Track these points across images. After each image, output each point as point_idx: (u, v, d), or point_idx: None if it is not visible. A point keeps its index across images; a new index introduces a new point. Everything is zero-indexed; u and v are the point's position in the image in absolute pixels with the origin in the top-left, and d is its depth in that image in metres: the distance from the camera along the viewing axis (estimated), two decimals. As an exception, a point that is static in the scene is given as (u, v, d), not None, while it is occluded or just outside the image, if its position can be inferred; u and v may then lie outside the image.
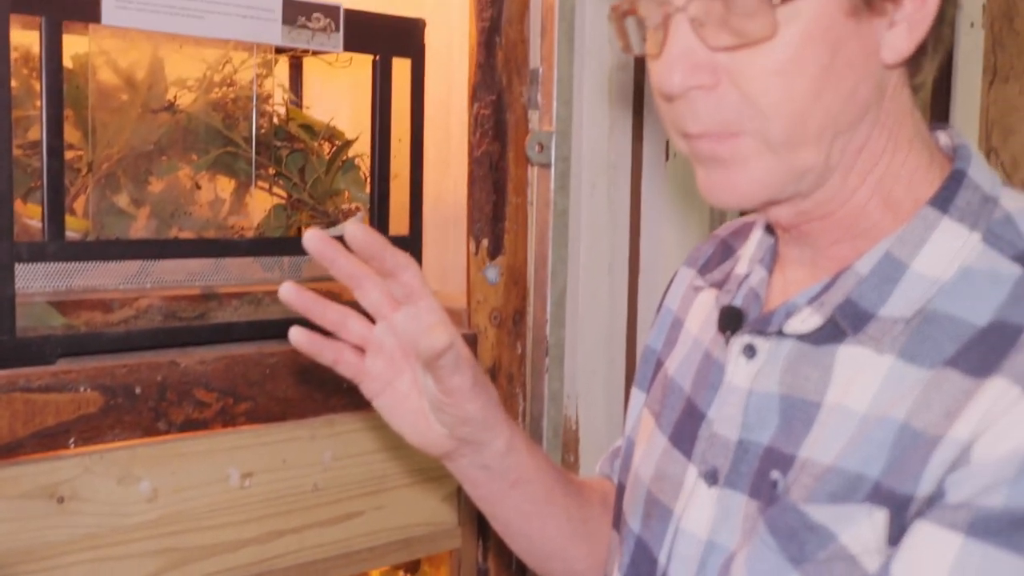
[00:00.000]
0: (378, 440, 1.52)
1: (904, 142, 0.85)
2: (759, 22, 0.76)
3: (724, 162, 0.81)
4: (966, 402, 0.73)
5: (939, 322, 0.78)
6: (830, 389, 0.82)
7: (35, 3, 1.23)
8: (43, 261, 1.26)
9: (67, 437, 1.26)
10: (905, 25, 0.80)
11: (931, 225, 0.82)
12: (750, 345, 0.88)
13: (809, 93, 0.78)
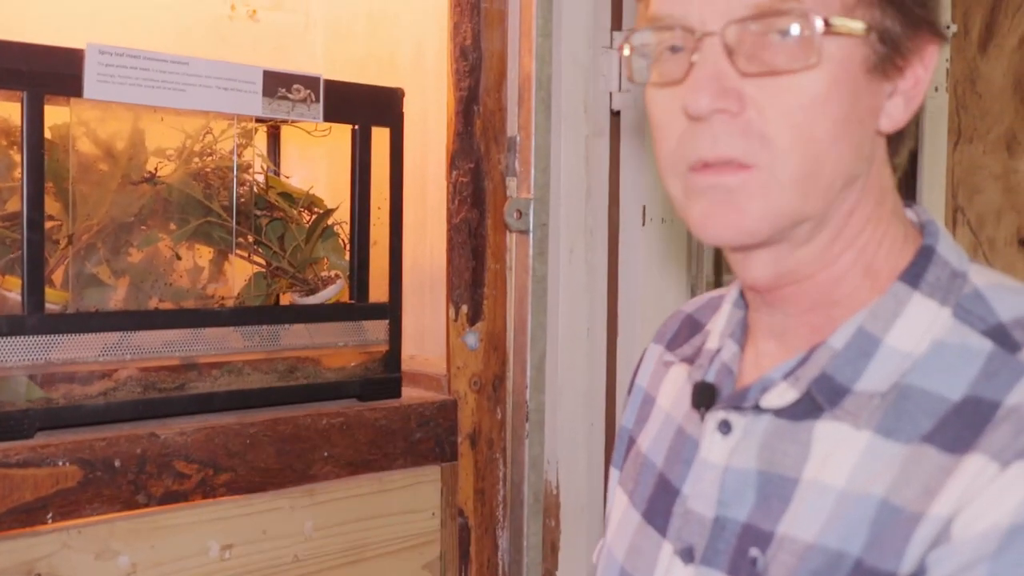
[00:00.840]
0: (359, 509, 1.51)
1: (886, 213, 0.86)
2: (800, 51, 0.78)
3: (730, 192, 0.80)
4: (945, 479, 0.74)
5: (914, 397, 0.79)
6: (808, 465, 0.82)
7: (17, 78, 1.24)
8: (23, 335, 1.25)
9: (45, 512, 1.25)
10: (903, 98, 0.83)
11: (903, 300, 0.83)
12: (725, 421, 0.88)
13: (828, 136, 0.79)
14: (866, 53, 0.80)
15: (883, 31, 0.80)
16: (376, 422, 1.53)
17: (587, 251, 1.69)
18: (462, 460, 1.63)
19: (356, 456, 1.51)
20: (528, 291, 1.62)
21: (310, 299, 1.54)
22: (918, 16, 0.81)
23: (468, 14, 1.60)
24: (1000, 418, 0.73)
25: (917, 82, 0.83)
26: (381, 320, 1.58)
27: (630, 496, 0.99)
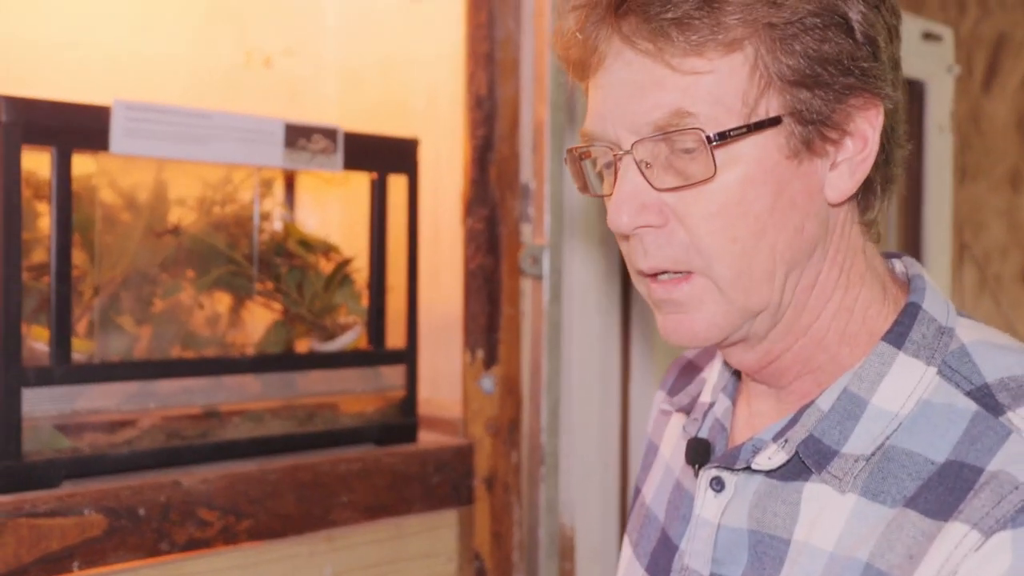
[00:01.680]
0: (377, 554, 1.53)
1: (856, 277, 0.88)
2: (700, 165, 0.80)
3: (680, 305, 0.84)
4: (927, 545, 0.75)
5: (898, 459, 0.81)
6: (798, 526, 0.84)
7: (46, 134, 1.26)
8: (50, 385, 1.27)
9: (71, 561, 1.26)
10: (847, 166, 0.84)
11: (887, 361, 0.84)
12: (718, 478, 0.90)
13: (752, 234, 0.81)
14: (783, 140, 0.82)
15: (799, 113, 0.81)
16: (393, 467, 1.55)
17: (601, 297, 1.71)
18: (478, 504, 1.65)
19: (374, 501, 1.53)
20: (543, 336, 1.64)
21: (328, 345, 1.56)
22: (845, 85, 0.82)
23: (483, 64, 1.63)
24: (981, 484, 0.75)
25: (864, 143, 0.84)
26: (398, 365, 1.60)
27: (635, 548, 1.01)
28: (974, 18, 2.65)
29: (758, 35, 0.80)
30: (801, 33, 0.80)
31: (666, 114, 0.80)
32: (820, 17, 0.80)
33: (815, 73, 0.81)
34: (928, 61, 2.28)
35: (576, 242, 1.68)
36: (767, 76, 0.81)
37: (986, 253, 2.86)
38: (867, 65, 0.82)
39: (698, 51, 0.79)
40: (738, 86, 0.80)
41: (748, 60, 0.80)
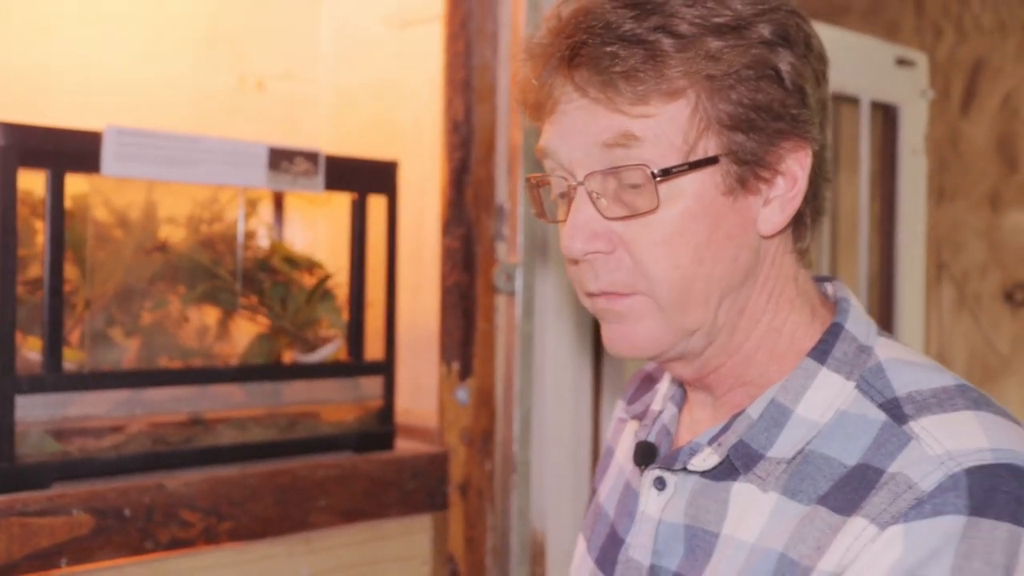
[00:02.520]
0: (354, 556, 1.60)
1: (786, 302, 0.96)
2: (645, 198, 0.88)
3: (622, 318, 0.92)
4: (833, 537, 0.83)
5: (816, 462, 0.89)
6: (727, 521, 0.92)
7: (41, 157, 1.35)
8: (42, 392, 1.36)
9: (59, 558, 1.34)
10: (778, 203, 0.92)
11: (811, 375, 0.92)
12: (660, 478, 0.98)
13: (692, 262, 0.89)
14: (720, 178, 0.90)
15: (734, 154, 0.89)
16: (371, 473, 1.63)
17: (572, 312, 1.79)
18: (453, 510, 1.72)
19: (351, 505, 1.61)
20: (516, 349, 1.72)
21: (310, 357, 1.64)
22: (775, 129, 0.90)
23: (460, 91, 1.72)
24: (881, 484, 0.83)
25: (794, 182, 0.92)
26: (376, 377, 1.68)
27: (587, 542, 1.09)
28: (951, 43, 2.73)
29: (699, 85, 0.88)
30: (737, 84, 0.88)
31: (614, 136, 0.88)
32: (753, 69, 0.88)
33: (749, 119, 0.89)
34: (902, 86, 2.35)
35: (548, 260, 1.76)
36: (706, 120, 0.89)
37: (965, 272, 2.92)
38: (796, 111, 0.91)
39: (644, 100, 0.87)
40: (680, 127, 0.88)
41: (690, 105, 0.88)
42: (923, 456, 0.83)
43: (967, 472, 0.81)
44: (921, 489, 0.81)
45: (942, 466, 0.81)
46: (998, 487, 0.80)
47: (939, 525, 0.79)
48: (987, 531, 0.79)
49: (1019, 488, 0.80)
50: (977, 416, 0.85)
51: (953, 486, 0.80)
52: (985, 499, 0.80)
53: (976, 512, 0.79)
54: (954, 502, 0.79)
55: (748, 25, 0.88)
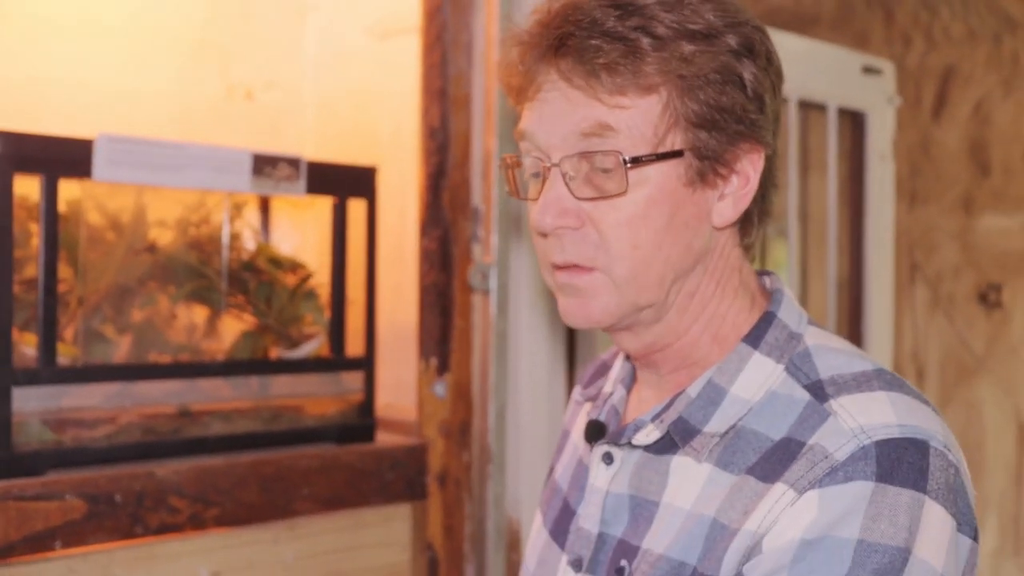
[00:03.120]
0: (337, 541, 1.68)
1: (730, 290, 1.04)
2: (615, 181, 0.96)
3: (580, 291, 1.00)
4: (757, 501, 0.91)
5: (746, 437, 0.97)
6: (666, 491, 1.00)
7: (35, 164, 1.43)
8: (37, 384, 1.44)
9: (53, 541, 1.42)
10: (731, 199, 1.01)
11: (744, 358, 1.01)
12: (608, 453, 1.06)
13: (651, 243, 0.98)
14: (683, 171, 0.98)
15: (699, 150, 0.98)
16: (352, 464, 1.71)
17: (545, 309, 1.88)
18: (431, 499, 1.80)
19: (333, 494, 1.69)
20: (491, 345, 1.80)
21: (293, 353, 1.73)
22: (736, 131, 0.99)
23: (436, 99, 1.80)
24: (801, 454, 0.91)
25: (746, 181, 1.02)
26: (357, 372, 1.76)
27: (543, 517, 1.17)
28: (920, 51, 2.81)
29: (671, 83, 0.97)
30: (705, 85, 0.97)
31: (592, 125, 0.97)
32: (720, 75, 0.98)
33: (713, 119, 0.98)
34: (869, 93, 2.44)
35: (521, 260, 1.85)
36: (675, 116, 0.97)
37: (938, 273, 3.00)
38: (755, 117, 1.00)
39: (621, 91, 0.96)
40: (651, 120, 0.97)
41: (661, 101, 0.97)
42: (838, 429, 0.91)
43: (876, 444, 0.89)
44: (835, 458, 0.89)
45: (855, 438, 0.89)
46: (903, 458, 0.88)
47: (850, 490, 0.87)
48: (892, 496, 0.87)
49: (921, 459, 0.88)
50: (889, 396, 0.94)
51: (863, 456, 0.88)
52: (891, 468, 0.88)
53: (883, 479, 0.87)
54: (864, 470, 0.87)
55: (718, 34, 0.97)
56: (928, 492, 0.88)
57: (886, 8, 2.68)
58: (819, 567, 0.85)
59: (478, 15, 1.82)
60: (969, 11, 2.95)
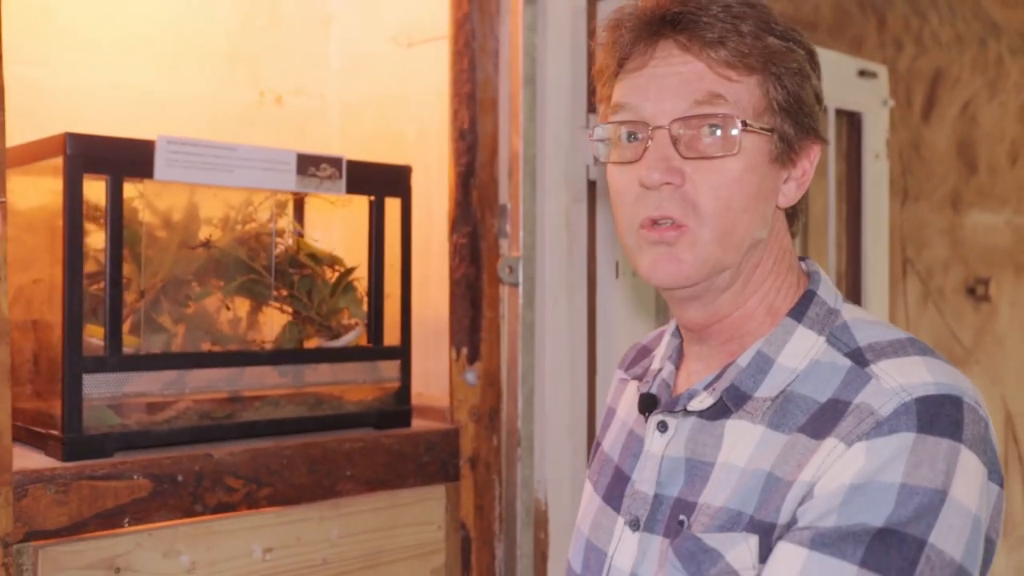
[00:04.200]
0: (377, 520, 1.78)
1: (783, 268, 1.15)
2: (720, 144, 1.07)
3: (670, 247, 1.09)
4: (809, 456, 1.02)
5: (795, 400, 1.07)
6: (721, 451, 1.10)
7: (102, 165, 1.53)
8: (105, 372, 1.53)
9: (123, 517, 1.52)
10: (794, 183, 1.13)
11: (790, 331, 1.12)
12: (663, 421, 1.17)
13: (740, 207, 1.09)
14: (770, 148, 1.10)
15: (782, 133, 1.11)
16: (390, 447, 1.81)
17: (569, 301, 1.98)
18: (463, 481, 1.91)
19: (373, 476, 1.79)
20: (519, 335, 1.91)
21: (334, 343, 1.83)
22: (806, 124, 1.12)
23: (465, 102, 1.91)
24: (848, 413, 1.02)
25: (804, 172, 1.14)
26: (394, 360, 1.86)
27: (594, 486, 1.27)
28: (911, 55, 2.93)
29: (766, 69, 1.09)
30: (790, 78, 1.10)
31: (705, 93, 1.08)
32: (799, 73, 1.11)
33: (794, 109, 1.11)
34: (865, 95, 2.56)
35: (547, 254, 1.95)
36: (768, 99, 1.10)
37: (928, 268, 3.13)
38: (816, 116, 1.14)
39: (731, 65, 1.08)
40: (753, 98, 1.09)
41: (761, 84, 1.10)
42: (881, 389, 1.02)
43: (916, 400, 1.00)
44: (880, 414, 1.00)
45: (896, 396, 1.00)
46: (940, 412, 0.99)
47: (894, 441, 0.98)
48: (931, 445, 0.97)
49: (957, 413, 1.00)
50: (924, 359, 1.05)
51: (905, 411, 0.99)
52: (930, 421, 0.99)
53: (923, 430, 0.98)
54: (906, 423, 0.98)
55: (792, 38, 1.11)
56: (963, 441, 0.98)
57: (879, 14, 2.81)
58: (866, 508, 0.96)
59: (503, 24, 1.92)
60: (956, 16, 3.08)
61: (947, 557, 0.95)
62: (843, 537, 0.96)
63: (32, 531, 1.44)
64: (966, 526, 0.97)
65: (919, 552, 0.95)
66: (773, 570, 0.99)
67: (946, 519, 0.96)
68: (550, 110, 1.96)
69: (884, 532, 0.95)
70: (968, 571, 0.97)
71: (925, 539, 0.95)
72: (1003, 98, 3.31)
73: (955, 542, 0.96)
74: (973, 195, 3.27)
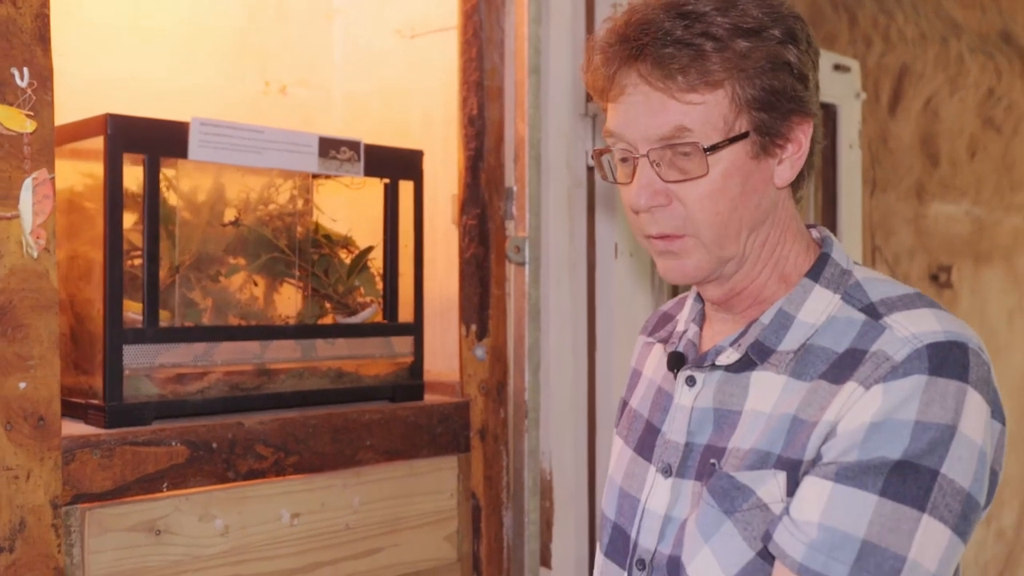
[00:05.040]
0: (395, 488, 1.87)
1: (790, 237, 1.25)
2: (696, 165, 1.17)
3: (675, 255, 1.20)
4: (831, 399, 1.12)
5: (815, 352, 1.18)
6: (747, 400, 1.20)
7: (140, 145, 1.60)
8: (144, 343, 1.60)
9: (162, 482, 1.59)
10: (788, 162, 1.22)
11: (808, 290, 1.22)
12: (691, 376, 1.26)
13: (728, 209, 1.18)
14: (748, 148, 1.18)
15: (760, 128, 1.18)
16: (406, 419, 1.90)
17: (571, 280, 2.08)
18: (474, 452, 1.99)
19: (391, 446, 1.87)
20: (525, 312, 2.00)
21: (352, 319, 1.91)
22: (788, 108, 1.19)
23: (474, 90, 2.00)
24: (865, 360, 1.12)
25: (798, 147, 1.22)
26: (408, 336, 1.95)
27: (625, 440, 1.37)
28: (879, 51, 3.07)
29: (733, 77, 1.16)
30: (760, 74, 1.17)
31: (671, 129, 1.16)
32: (771, 63, 1.17)
33: (769, 101, 1.18)
34: (839, 88, 2.69)
35: (550, 236, 2.05)
36: (739, 104, 1.17)
37: (896, 255, 3.27)
38: (802, 94, 1.20)
39: (693, 89, 1.16)
40: (720, 111, 1.17)
41: (728, 94, 1.17)
42: (895, 338, 1.12)
43: (927, 346, 1.10)
44: (895, 360, 1.10)
45: (909, 343, 1.11)
46: (949, 356, 1.10)
47: (908, 383, 1.08)
48: (942, 386, 1.08)
49: (964, 357, 1.10)
50: (932, 311, 1.16)
51: (918, 356, 1.10)
52: (941, 364, 1.09)
53: (934, 373, 1.09)
54: (919, 367, 1.09)
55: (765, 28, 1.17)
56: (970, 383, 1.09)
57: (850, 12, 2.94)
58: (884, 443, 1.06)
59: (509, 16, 2.02)
60: (920, 15, 3.22)
61: (957, 486, 1.06)
62: (864, 470, 1.06)
63: (79, 494, 1.50)
64: (973, 458, 1.08)
65: (932, 481, 1.05)
66: (801, 502, 1.09)
67: (956, 452, 1.07)
68: (553, 99, 2.05)
69: (901, 464, 1.06)
70: (975, 499, 1.08)
71: (938, 470, 1.06)
72: (963, 94, 3.46)
73: (964, 472, 1.07)
74: (936, 186, 3.42)
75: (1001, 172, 3.74)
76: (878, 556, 1.04)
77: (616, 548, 1.31)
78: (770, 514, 1.12)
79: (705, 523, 1.16)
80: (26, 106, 1.41)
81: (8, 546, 1.41)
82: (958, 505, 1.06)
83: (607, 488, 1.38)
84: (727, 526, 1.14)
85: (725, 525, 1.15)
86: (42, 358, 1.45)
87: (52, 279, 1.46)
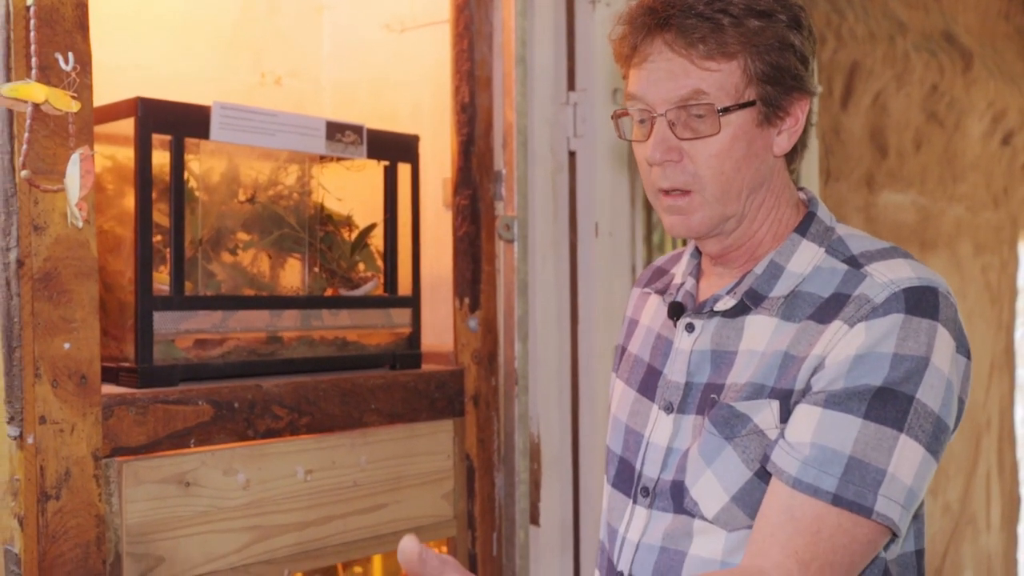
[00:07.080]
0: (398, 448, 2.00)
1: (784, 201, 1.41)
2: (708, 125, 1.32)
3: (681, 209, 1.36)
4: (818, 336, 1.28)
5: (803, 297, 1.34)
6: (742, 341, 1.36)
7: (166, 125, 1.73)
8: (171, 310, 1.73)
9: (189, 438, 1.71)
10: (786, 134, 1.38)
11: (796, 244, 1.38)
12: (690, 323, 1.42)
13: (732, 169, 1.34)
14: (754, 116, 1.34)
15: (765, 99, 1.34)
16: (407, 384, 2.03)
17: (555, 257, 2.23)
18: (468, 416, 2.14)
19: (393, 409, 2.01)
20: (514, 287, 2.15)
21: (356, 292, 2.04)
22: (791, 84, 1.35)
23: (466, 80, 2.14)
24: (849, 302, 1.28)
25: (796, 121, 1.38)
26: (406, 309, 2.09)
27: (627, 382, 1.52)
28: (832, 48, 3.26)
29: (746, 50, 1.31)
30: (769, 51, 1.32)
31: (689, 92, 1.31)
32: (779, 42, 1.33)
33: (775, 76, 1.33)
34: (796, 82, 2.87)
35: (536, 215, 2.20)
36: (749, 75, 1.32)
37: (848, 241, 3.45)
38: (803, 74, 1.36)
39: (711, 57, 1.31)
40: (733, 80, 1.32)
41: (740, 65, 1.32)
42: (875, 283, 1.28)
43: (903, 290, 1.27)
44: (875, 302, 1.26)
45: (887, 288, 1.27)
46: (923, 298, 1.26)
47: (887, 320, 1.25)
48: (916, 324, 1.25)
49: (935, 299, 1.27)
50: (906, 261, 1.32)
51: (895, 298, 1.26)
52: (915, 305, 1.26)
53: (910, 312, 1.25)
54: (896, 307, 1.25)
55: (775, 12, 1.33)
56: (940, 321, 1.26)
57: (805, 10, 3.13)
58: (867, 372, 1.22)
59: (497, 11, 2.17)
60: (869, 15, 3.42)
61: (929, 409, 1.23)
62: (850, 396, 1.22)
63: (117, 447, 1.62)
64: (942, 385, 1.24)
65: (909, 405, 1.22)
66: (794, 426, 1.25)
67: (928, 380, 1.23)
68: (538, 88, 2.21)
69: (882, 390, 1.22)
70: (944, 421, 1.25)
71: (913, 395, 1.22)
72: (908, 90, 3.67)
73: (935, 398, 1.23)
74: (884, 177, 3.62)
75: (944, 164, 3.96)
76: (862, 470, 1.20)
77: (622, 479, 1.46)
78: (766, 439, 1.28)
79: (707, 449, 1.32)
80: (71, 88, 1.53)
81: (55, 494, 1.53)
82: (930, 426, 1.22)
83: (611, 426, 1.52)
84: (727, 451, 1.30)
85: (725, 450, 1.30)
86: (84, 321, 1.56)
87: (92, 248, 1.58)
